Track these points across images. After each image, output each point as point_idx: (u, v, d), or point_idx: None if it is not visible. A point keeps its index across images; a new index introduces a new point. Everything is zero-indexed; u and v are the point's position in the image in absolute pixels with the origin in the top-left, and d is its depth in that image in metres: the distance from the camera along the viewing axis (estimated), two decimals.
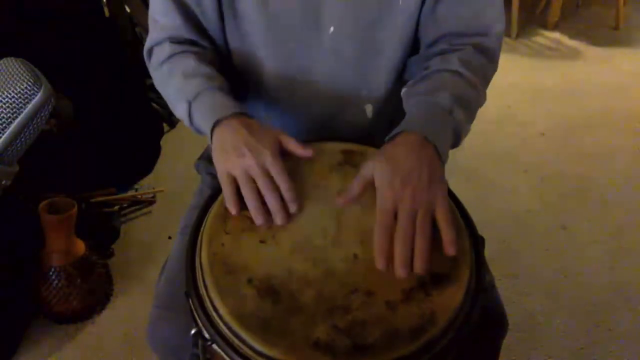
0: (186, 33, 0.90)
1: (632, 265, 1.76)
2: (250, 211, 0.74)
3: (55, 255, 1.48)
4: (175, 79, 0.87)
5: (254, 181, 0.75)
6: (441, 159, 0.75)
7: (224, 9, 0.89)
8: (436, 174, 0.73)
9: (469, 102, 0.83)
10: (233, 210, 0.76)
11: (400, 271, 0.66)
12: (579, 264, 1.76)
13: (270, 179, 0.75)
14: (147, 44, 0.94)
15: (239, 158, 0.76)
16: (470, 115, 0.83)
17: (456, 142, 0.81)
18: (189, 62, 0.88)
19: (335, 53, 0.90)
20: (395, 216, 0.69)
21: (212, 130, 0.81)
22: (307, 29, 0.88)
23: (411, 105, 0.83)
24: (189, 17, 0.90)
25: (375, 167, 0.74)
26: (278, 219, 0.74)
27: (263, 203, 0.75)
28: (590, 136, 2.36)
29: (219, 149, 0.79)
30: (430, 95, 0.81)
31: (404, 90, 0.87)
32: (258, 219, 0.74)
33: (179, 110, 0.86)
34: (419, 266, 0.66)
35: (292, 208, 0.75)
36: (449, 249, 0.68)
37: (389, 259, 0.67)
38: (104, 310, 1.59)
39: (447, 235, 0.69)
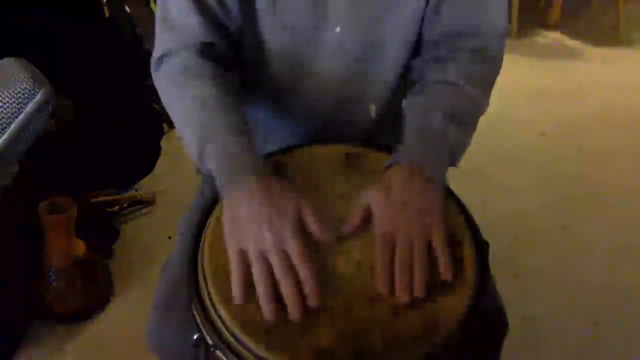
0: (204, 35, 0.85)
1: (632, 265, 1.76)
2: (259, 300, 0.65)
3: (55, 255, 1.48)
4: (190, 102, 0.81)
5: (268, 262, 0.67)
6: (437, 184, 0.76)
7: (241, 7, 0.86)
8: (430, 202, 0.74)
9: (466, 116, 0.84)
10: (238, 298, 0.66)
11: (402, 297, 0.67)
12: (579, 264, 1.76)
13: (288, 261, 0.66)
14: (158, 51, 0.87)
15: (252, 231, 0.68)
16: (468, 129, 0.83)
17: (453, 162, 0.82)
18: (208, 90, 0.81)
19: (340, 52, 0.89)
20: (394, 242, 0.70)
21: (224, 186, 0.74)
22: (312, 27, 0.87)
23: (407, 127, 0.83)
24: (210, 17, 0.85)
25: (371, 198, 0.74)
26: (294, 314, 0.64)
27: (276, 290, 0.66)
28: (590, 136, 2.35)
29: (231, 219, 0.70)
30: (425, 114, 0.81)
31: (404, 102, 0.87)
32: (267, 312, 0.64)
33: (187, 138, 0.79)
34: (418, 291, 0.68)
35: (313, 301, 0.65)
36: (446, 275, 0.69)
37: (391, 285, 0.68)
38: (104, 310, 1.59)
39: (443, 262, 0.70)
